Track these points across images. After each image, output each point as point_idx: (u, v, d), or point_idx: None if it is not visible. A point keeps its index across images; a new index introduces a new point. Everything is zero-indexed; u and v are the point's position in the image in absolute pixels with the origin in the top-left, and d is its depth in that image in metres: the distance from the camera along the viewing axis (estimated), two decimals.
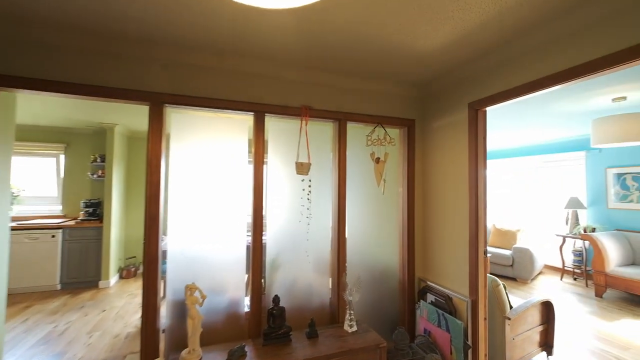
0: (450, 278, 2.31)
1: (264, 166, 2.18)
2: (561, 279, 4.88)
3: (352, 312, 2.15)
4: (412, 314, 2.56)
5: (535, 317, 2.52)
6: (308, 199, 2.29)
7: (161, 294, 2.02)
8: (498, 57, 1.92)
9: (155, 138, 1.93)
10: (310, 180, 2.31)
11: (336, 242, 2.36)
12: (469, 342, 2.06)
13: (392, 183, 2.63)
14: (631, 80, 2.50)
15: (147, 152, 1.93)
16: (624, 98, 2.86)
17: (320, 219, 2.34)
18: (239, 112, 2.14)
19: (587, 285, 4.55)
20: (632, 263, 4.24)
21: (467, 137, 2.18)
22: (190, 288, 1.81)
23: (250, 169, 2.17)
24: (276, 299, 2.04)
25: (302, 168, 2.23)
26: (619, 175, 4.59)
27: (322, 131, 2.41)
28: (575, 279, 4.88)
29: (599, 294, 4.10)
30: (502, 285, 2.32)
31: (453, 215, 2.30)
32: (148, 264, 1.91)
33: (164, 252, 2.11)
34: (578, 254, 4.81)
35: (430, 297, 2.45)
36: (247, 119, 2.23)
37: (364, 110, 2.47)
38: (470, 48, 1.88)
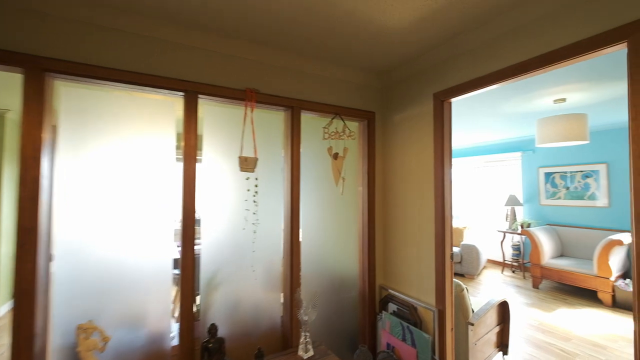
0: (414, 285, 2.12)
1: (198, 161, 1.73)
2: (502, 272, 5.17)
3: (307, 333, 1.82)
4: (374, 327, 2.32)
5: (493, 318, 2.47)
6: (254, 202, 1.89)
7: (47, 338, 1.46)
8: (465, 42, 1.76)
9: (32, 119, 1.37)
10: (257, 179, 1.92)
11: (289, 252, 2.00)
12: (437, 357, 1.87)
13: (351, 182, 2.36)
14: (569, 82, 2.58)
15: (21, 138, 1.36)
16: (564, 100, 2.99)
17: (269, 225, 1.96)
18: (163, 91, 1.66)
19: (524, 277, 4.87)
20: (561, 255, 4.62)
21: (433, 131, 1.99)
22: (85, 329, 1.30)
23: (179, 165, 1.70)
24: (213, 329, 1.61)
25: (247, 164, 1.83)
26: (549, 174, 5.00)
27: (272, 121, 2.03)
28: (513, 272, 5.21)
29: (535, 285, 4.38)
30: (465, 289, 2.20)
31: (417, 216, 2.10)
32: (19, 298, 1.34)
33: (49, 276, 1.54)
34: (516, 248, 5.14)
35: (393, 307, 2.23)
36: (174, 102, 1.75)
37: (320, 99, 2.15)
38: (437, 29, 1.68)
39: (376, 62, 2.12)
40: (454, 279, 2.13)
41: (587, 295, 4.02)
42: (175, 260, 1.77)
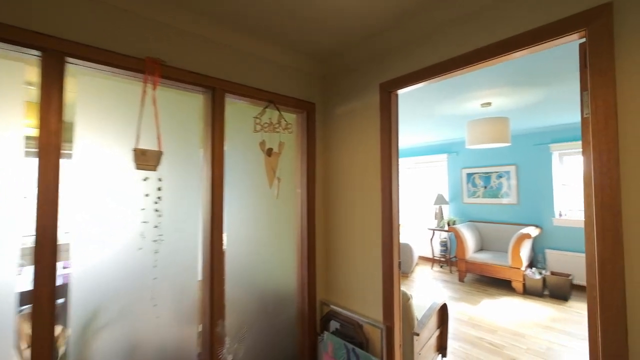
0: (360, 299, 1.88)
1: (65, 156, 1.19)
2: (432, 268, 5.44)
3: None
4: (314, 350, 2.02)
5: (434, 323, 2.40)
6: (156, 210, 1.41)
7: None
8: (416, 26, 1.58)
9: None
10: (160, 180, 1.44)
11: (208, 273, 1.57)
12: None
13: (288, 182, 2.02)
14: (495, 85, 2.69)
15: None
16: (490, 104, 3.15)
17: (178, 241, 1.49)
18: (5, 45, 1.08)
19: (451, 272, 5.19)
20: (482, 249, 5.04)
21: (379, 125, 1.78)
22: None
23: (33, 161, 1.14)
24: None
25: (146, 159, 1.35)
26: (470, 174, 5.44)
27: (186, 105, 1.57)
28: (441, 267, 5.54)
29: (461, 279, 4.67)
30: (411, 298, 2.06)
31: (363, 221, 1.87)
32: None
33: None
34: (444, 244, 5.46)
35: (335, 324, 1.96)
36: (24, 67, 1.17)
37: (251, 82, 1.77)
38: (384, 11, 1.46)
39: (317, 46, 1.83)
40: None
41: (503, 285, 4.41)
42: (23, 294, 1.21)
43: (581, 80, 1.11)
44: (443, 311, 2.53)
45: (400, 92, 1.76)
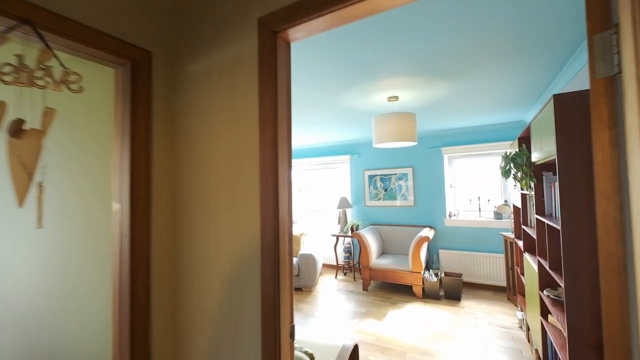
0: None
1: None
2: (336, 277, 5.05)
3: None
4: None
5: None
6: None
7: None
8: None
9: None
10: None
11: None
12: None
13: (75, 187, 1.05)
14: (401, 75, 2.33)
15: None
16: (397, 98, 2.81)
17: None
18: None
19: (354, 279, 4.89)
20: (383, 252, 4.91)
21: (258, 91, 1.02)
22: None
23: None
24: None
25: None
26: (372, 176, 5.30)
27: None
28: (345, 274, 5.21)
29: (365, 287, 4.38)
30: None
31: (231, 249, 1.07)
32: None
33: None
34: (347, 250, 5.15)
35: None
36: None
37: None
38: None
39: None
40: (296, 351, 1.25)
41: (405, 291, 4.30)
42: None
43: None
44: (354, 355, 1.95)
45: (295, 40, 1.05)
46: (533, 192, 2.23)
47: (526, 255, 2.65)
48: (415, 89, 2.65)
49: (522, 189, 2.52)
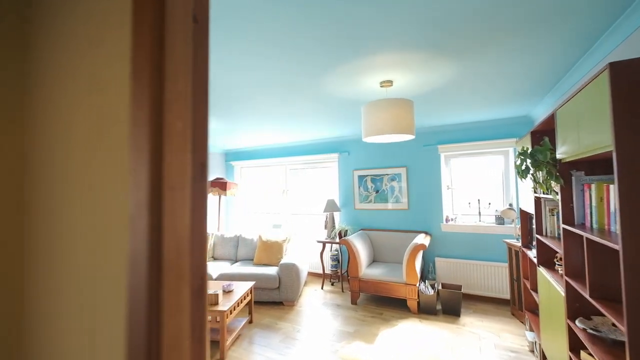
0: None
1: None
2: (322, 288, 4.57)
3: None
4: None
5: None
6: None
7: None
8: None
9: None
10: None
11: None
12: None
13: None
14: (394, 50, 1.89)
15: None
16: (391, 83, 2.36)
17: None
18: None
19: (342, 291, 4.42)
20: (374, 260, 4.46)
21: (132, 28, 0.53)
22: None
23: None
24: None
25: None
26: (362, 177, 4.85)
27: None
28: (332, 284, 4.74)
29: (354, 301, 3.92)
30: None
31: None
32: None
33: None
34: (335, 258, 4.68)
35: None
36: None
37: None
38: None
39: None
40: None
41: (398, 305, 3.86)
42: None
43: None
44: None
45: None
46: (559, 197, 1.80)
47: (542, 270, 2.23)
48: (412, 71, 2.21)
49: (542, 192, 2.09)
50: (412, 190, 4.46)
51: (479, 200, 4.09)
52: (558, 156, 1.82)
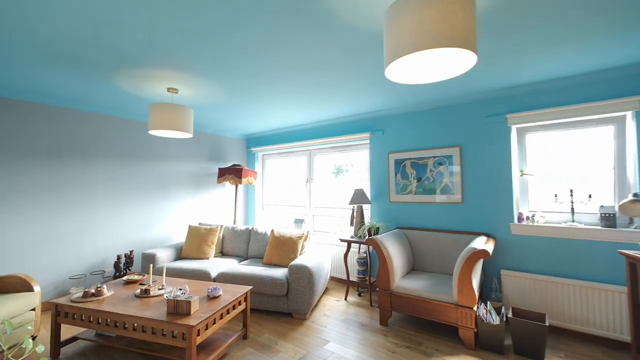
0: None
1: None
2: (345, 298, 3.65)
3: None
4: None
5: None
6: None
7: None
8: None
9: None
10: None
11: None
12: None
13: None
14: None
15: None
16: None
17: None
18: None
19: (371, 304, 3.46)
20: (413, 269, 3.42)
21: None
22: None
23: None
24: None
25: None
26: (399, 161, 3.83)
27: None
28: (360, 294, 3.80)
29: (384, 321, 2.95)
30: None
31: None
32: None
33: None
34: (362, 262, 3.73)
35: None
36: None
37: None
38: None
39: None
40: None
41: (444, 332, 2.80)
42: None
43: None
44: None
45: None
46: None
47: None
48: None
49: None
50: (467, 178, 3.32)
51: (571, 191, 2.82)
52: None
